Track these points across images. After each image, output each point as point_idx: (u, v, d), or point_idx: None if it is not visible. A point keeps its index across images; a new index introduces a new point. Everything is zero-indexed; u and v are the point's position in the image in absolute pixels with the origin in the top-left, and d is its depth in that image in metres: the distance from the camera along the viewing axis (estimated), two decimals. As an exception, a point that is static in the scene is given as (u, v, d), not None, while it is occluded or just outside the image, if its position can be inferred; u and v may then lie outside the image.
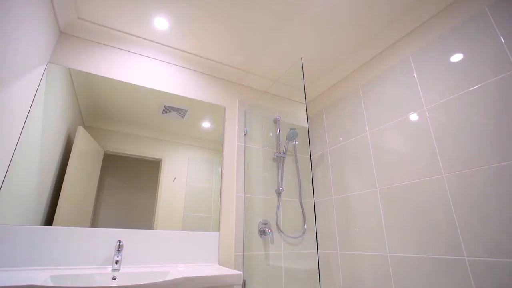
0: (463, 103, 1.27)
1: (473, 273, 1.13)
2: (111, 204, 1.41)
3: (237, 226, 1.72)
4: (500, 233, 1.07)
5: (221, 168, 1.81)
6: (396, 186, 1.50)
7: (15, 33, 1.06)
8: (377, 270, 1.52)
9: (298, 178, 2.03)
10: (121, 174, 1.48)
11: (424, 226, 1.34)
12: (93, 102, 1.51)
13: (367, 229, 1.63)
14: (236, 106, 2.04)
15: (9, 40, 1.02)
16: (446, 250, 1.23)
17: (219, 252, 1.62)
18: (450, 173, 1.27)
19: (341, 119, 1.99)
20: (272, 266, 1.76)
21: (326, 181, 2.02)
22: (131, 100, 1.62)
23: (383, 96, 1.68)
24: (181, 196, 1.61)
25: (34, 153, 1.28)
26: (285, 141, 2.05)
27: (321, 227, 1.98)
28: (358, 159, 1.78)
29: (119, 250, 1.23)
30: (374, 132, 1.70)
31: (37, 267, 1.16)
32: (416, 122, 1.46)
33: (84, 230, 1.29)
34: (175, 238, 1.50)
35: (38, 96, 1.36)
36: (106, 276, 1.13)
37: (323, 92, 2.25)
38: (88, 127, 1.45)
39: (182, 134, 1.73)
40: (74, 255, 1.24)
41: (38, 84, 1.38)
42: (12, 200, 1.19)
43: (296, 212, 1.98)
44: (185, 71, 1.90)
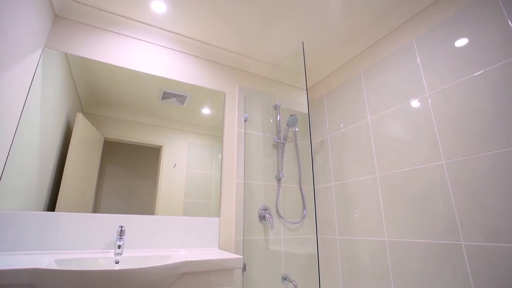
0: (465, 89, 1.25)
1: (469, 257, 1.15)
2: (112, 190, 1.42)
3: (237, 212, 1.74)
4: (497, 219, 1.08)
5: (221, 154, 1.81)
6: (396, 173, 1.51)
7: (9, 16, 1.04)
8: (375, 254, 1.55)
9: (298, 164, 2.04)
10: (122, 161, 1.48)
11: (423, 212, 1.35)
12: (91, 88, 1.49)
13: (366, 215, 1.65)
14: (236, 92, 2.02)
15: (3, 23, 1.00)
16: (444, 235, 1.25)
17: (219, 237, 1.65)
18: (450, 159, 1.26)
19: (342, 105, 1.97)
20: (271, 250, 1.79)
21: (326, 167, 2.02)
22: (130, 86, 1.60)
23: (385, 82, 1.66)
24: (181, 183, 1.62)
25: (34, 140, 1.28)
26: (285, 127, 2.04)
27: (320, 212, 2.00)
28: (359, 145, 1.77)
29: (121, 235, 1.25)
30: (375, 119, 1.68)
31: (41, 251, 1.18)
32: (418, 108, 1.44)
33: (86, 215, 1.31)
34: (176, 223, 1.52)
35: (35, 82, 1.34)
36: (109, 260, 1.16)
37: (324, 78, 2.22)
38: (87, 113, 1.44)
39: (182, 121, 1.72)
40: (77, 240, 1.26)
41: (34, 70, 1.36)
42: (13, 187, 1.19)
43: (296, 198, 2.00)
44: (184, 56, 1.87)
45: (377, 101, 1.69)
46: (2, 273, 0.81)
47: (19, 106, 1.26)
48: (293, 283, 1.71)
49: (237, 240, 1.69)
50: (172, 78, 1.76)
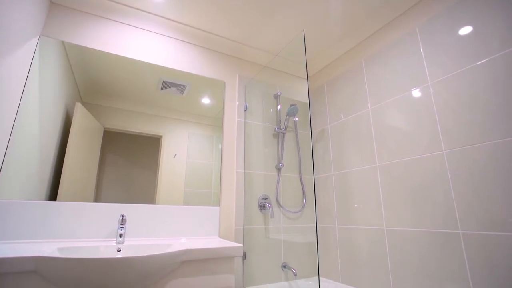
0: (468, 78, 1.23)
1: (466, 246, 1.16)
2: (113, 180, 1.43)
3: (237, 201, 1.75)
4: (495, 209, 1.09)
5: (221, 144, 1.81)
6: (396, 163, 1.51)
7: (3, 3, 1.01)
8: (373, 243, 1.57)
9: (298, 154, 2.04)
10: (122, 151, 1.48)
11: (422, 201, 1.36)
12: (90, 78, 1.47)
13: (365, 204, 1.66)
14: (236, 81, 2.00)
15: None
16: (442, 224, 1.26)
17: (220, 226, 1.67)
18: (451, 149, 1.26)
19: (343, 95, 1.95)
20: (271, 239, 1.81)
21: (326, 157, 2.03)
22: (129, 75, 1.59)
23: (386, 71, 1.64)
24: (181, 172, 1.63)
25: (33, 130, 1.28)
26: (286, 117, 2.03)
27: (320, 202, 2.02)
28: (359, 135, 1.77)
29: (122, 224, 1.27)
30: (376, 108, 1.67)
31: (43, 240, 1.20)
32: (419, 98, 1.43)
33: (88, 205, 1.32)
34: (177, 213, 1.53)
35: (32, 71, 1.33)
36: (111, 248, 1.18)
37: (325, 67, 2.20)
38: (86, 103, 1.43)
39: (182, 110, 1.71)
40: (79, 229, 1.28)
41: (31, 59, 1.34)
42: (14, 177, 1.20)
43: (296, 188, 2.01)
44: (183, 45, 1.84)
45: (378, 90, 1.67)
46: (7, 260, 0.82)
47: (17, 96, 1.26)
48: (293, 271, 1.74)
49: (237, 229, 1.71)
50: (171, 67, 1.75)
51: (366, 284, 1.57)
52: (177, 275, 1.09)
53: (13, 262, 0.83)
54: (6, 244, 1.09)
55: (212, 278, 1.16)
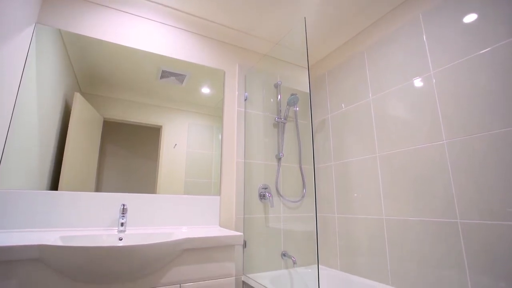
0: (471, 67, 1.22)
1: (464, 235, 1.17)
2: (113, 170, 1.43)
3: (238, 191, 1.77)
4: (493, 198, 1.10)
5: (222, 134, 1.81)
6: (396, 152, 1.51)
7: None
8: (372, 232, 1.58)
9: (299, 144, 2.04)
10: (122, 141, 1.48)
11: (421, 191, 1.36)
12: (88, 67, 1.46)
13: (364, 193, 1.67)
14: (236, 70, 1.97)
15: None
16: (440, 213, 1.27)
17: (220, 215, 1.68)
18: (452, 139, 1.26)
19: (344, 84, 1.93)
20: (271, 228, 1.84)
21: (326, 147, 2.03)
22: (128, 64, 1.57)
23: (389, 60, 1.62)
24: (182, 162, 1.63)
25: (32, 120, 1.27)
26: (286, 107, 2.02)
27: (320, 191, 2.03)
28: (360, 125, 1.76)
29: (123, 213, 1.28)
30: (377, 98, 1.66)
31: (46, 229, 1.21)
32: (421, 87, 1.42)
33: (89, 194, 1.33)
34: (178, 202, 1.55)
35: (29, 61, 1.31)
36: (113, 236, 1.19)
37: (326, 56, 2.17)
38: (85, 93, 1.42)
39: (182, 100, 1.70)
40: (81, 218, 1.29)
41: (28, 48, 1.32)
42: (15, 167, 1.21)
43: (296, 177, 2.02)
44: (183, 33, 1.81)
45: (380, 79, 1.66)
46: (11, 248, 0.84)
47: (15, 86, 1.25)
48: (292, 259, 1.77)
49: (237, 218, 1.72)
50: (171, 56, 1.72)
51: (365, 272, 1.60)
52: (178, 263, 1.11)
53: (17, 250, 0.84)
54: (9, 232, 1.11)
55: (213, 265, 1.18)
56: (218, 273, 1.19)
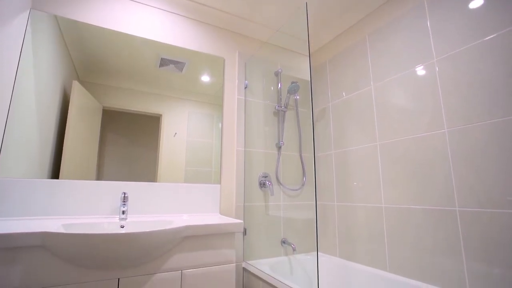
0: (475, 54, 1.20)
1: (462, 223, 1.18)
2: (114, 159, 1.44)
3: (238, 179, 1.77)
4: (493, 186, 1.10)
5: (222, 122, 1.80)
6: (396, 141, 1.50)
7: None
8: (371, 220, 1.60)
9: (299, 133, 2.04)
10: (122, 130, 1.48)
11: (421, 179, 1.37)
12: (86, 55, 1.44)
13: (364, 182, 1.68)
14: (236, 57, 1.95)
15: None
16: (440, 202, 1.28)
17: (220, 203, 1.70)
18: (453, 127, 1.25)
19: (345, 72, 1.91)
20: (271, 216, 1.86)
21: (327, 135, 2.02)
22: (127, 52, 1.55)
23: (391, 47, 1.59)
24: (182, 151, 1.63)
25: (31, 109, 1.27)
26: (286, 95, 2.01)
27: (320, 180, 2.04)
28: (360, 113, 1.75)
29: (124, 201, 1.29)
30: (378, 86, 1.64)
31: (48, 217, 1.23)
32: (424, 75, 1.40)
33: (90, 183, 1.34)
34: (178, 190, 1.56)
35: (25, 49, 1.29)
36: (114, 224, 1.21)
37: (327, 43, 2.13)
38: (84, 81, 1.41)
39: (181, 89, 1.69)
40: (82, 206, 1.31)
41: (23, 35, 1.30)
42: (15, 156, 1.21)
43: (296, 166, 2.03)
44: (182, 20, 1.78)
45: (382, 67, 1.63)
46: (15, 236, 0.85)
47: (11, 74, 1.23)
48: (292, 246, 1.80)
49: (237, 206, 1.74)
50: (170, 43, 1.69)
51: (363, 259, 1.62)
52: (179, 250, 1.13)
53: (21, 237, 0.86)
54: (12, 220, 1.12)
55: (214, 252, 1.20)
56: (219, 260, 1.21)
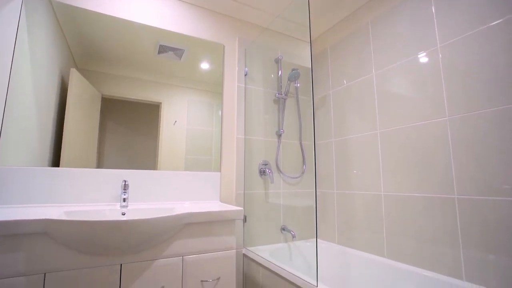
0: (480, 40, 1.17)
1: (460, 210, 1.19)
2: (114, 147, 1.44)
3: (238, 167, 1.78)
4: (493, 174, 1.10)
5: (221, 109, 1.79)
6: (397, 129, 1.50)
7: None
8: (370, 207, 1.61)
9: (299, 120, 2.03)
10: (121, 118, 1.47)
11: (421, 167, 1.37)
12: (83, 42, 1.42)
13: (364, 170, 1.68)
14: (236, 44, 1.92)
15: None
16: (439, 189, 1.28)
17: (221, 191, 1.71)
18: (455, 115, 1.24)
19: (347, 59, 1.88)
20: (271, 203, 1.87)
21: (327, 123, 2.01)
22: (124, 38, 1.52)
23: (394, 34, 1.56)
24: (182, 139, 1.63)
25: (28, 97, 1.26)
26: (287, 82, 1.99)
27: (320, 168, 2.05)
28: (361, 101, 1.73)
29: (125, 189, 1.30)
30: (380, 73, 1.62)
31: (49, 204, 1.24)
32: (427, 62, 1.37)
33: (91, 171, 1.35)
34: (179, 178, 1.57)
35: (20, 35, 1.27)
36: (116, 211, 1.22)
37: (328, 30, 2.08)
38: (82, 69, 1.39)
39: (181, 76, 1.67)
40: (84, 194, 1.32)
41: (17, 21, 1.27)
42: (15, 146, 1.21)
43: (296, 154, 2.03)
44: (180, 4, 1.74)
45: (384, 54, 1.60)
46: (18, 223, 0.86)
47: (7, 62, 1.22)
48: (291, 233, 1.82)
49: (238, 194, 1.76)
50: (168, 29, 1.66)
51: (362, 246, 1.65)
52: (180, 237, 1.14)
53: (24, 225, 0.87)
54: (15, 208, 1.14)
55: (214, 239, 1.22)
56: (219, 246, 1.23)
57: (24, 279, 0.87)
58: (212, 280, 1.19)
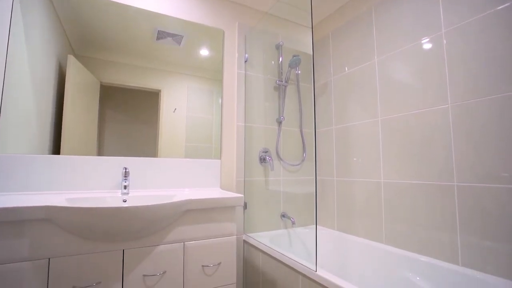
0: (486, 25, 1.14)
1: (459, 197, 1.20)
2: (114, 135, 1.44)
3: (238, 154, 1.79)
4: (492, 162, 1.10)
5: (221, 96, 1.78)
6: (398, 116, 1.49)
7: None
8: (370, 194, 1.63)
9: (300, 108, 2.01)
10: (121, 106, 1.46)
11: (421, 155, 1.37)
12: (80, 28, 1.39)
13: (364, 157, 1.68)
14: (236, 29, 1.88)
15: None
16: (439, 177, 1.29)
17: (221, 178, 1.72)
18: (457, 103, 1.23)
19: (348, 45, 1.84)
20: (271, 190, 1.89)
21: (328, 110, 2.00)
22: (121, 24, 1.49)
23: (398, 18, 1.52)
24: (182, 127, 1.63)
25: (26, 85, 1.24)
26: (288, 69, 1.96)
27: (320, 155, 2.05)
28: (363, 88, 1.71)
29: (126, 176, 1.31)
30: (382, 60, 1.59)
31: (51, 192, 1.26)
32: (430, 48, 1.35)
33: (91, 158, 1.35)
34: (179, 165, 1.57)
35: (15, 21, 1.24)
36: (117, 199, 1.23)
37: (330, 15, 2.04)
38: (79, 56, 1.37)
39: (180, 63, 1.65)
40: (85, 181, 1.33)
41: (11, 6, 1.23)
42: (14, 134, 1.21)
43: (296, 141, 2.03)
44: (177, -11, 1.69)
45: (387, 40, 1.57)
46: (21, 209, 0.87)
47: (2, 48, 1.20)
48: (291, 220, 1.85)
49: (238, 181, 1.77)
50: (166, 14, 1.63)
51: (360, 232, 1.67)
52: (181, 223, 1.16)
53: (26, 211, 0.88)
54: (16, 195, 1.15)
55: (215, 225, 1.24)
56: (220, 232, 1.25)
57: (29, 263, 0.89)
58: (213, 265, 1.21)
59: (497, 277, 1.07)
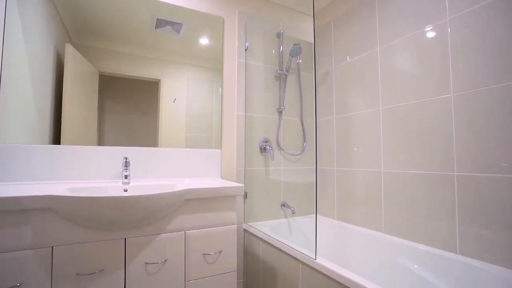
0: (492, 12, 1.11)
1: (458, 187, 1.20)
2: (114, 125, 1.44)
3: (238, 144, 1.78)
4: (493, 152, 1.10)
5: (222, 86, 1.76)
6: (400, 106, 1.47)
7: None
8: (370, 184, 1.63)
9: (300, 97, 2.00)
10: (120, 95, 1.45)
11: (422, 144, 1.36)
12: (76, 15, 1.36)
13: (364, 147, 1.68)
14: (236, 17, 1.84)
15: None
16: (438, 167, 1.29)
17: (221, 167, 1.73)
18: (460, 92, 1.21)
19: (351, 34, 1.81)
20: (272, 180, 1.90)
21: (329, 100, 1.98)
22: (120, 11, 1.46)
23: (401, 5, 1.48)
24: (182, 117, 1.62)
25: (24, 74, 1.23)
26: (288, 58, 1.93)
27: (320, 145, 2.05)
28: (364, 78, 1.69)
29: (126, 166, 1.32)
30: (385, 48, 1.56)
31: (52, 181, 1.26)
32: (434, 36, 1.32)
33: (92, 148, 1.35)
34: (180, 155, 1.58)
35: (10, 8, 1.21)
36: (118, 188, 1.24)
37: (332, 2, 1.99)
38: (77, 45, 1.35)
39: (180, 52, 1.63)
40: (85, 171, 1.33)
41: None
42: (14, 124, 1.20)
43: (297, 131, 2.02)
44: (176, -25, 1.65)
45: (390, 28, 1.54)
46: (23, 199, 0.88)
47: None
48: (291, 209, 1.86)
49: (238, 171, 1.77)
50: (165, 1, 1.59)
51: (359, 221, 1.69)
52: (182, 212, 1.17)
53: (28, 201, 0.89)
54: (17, 185, 1.16)
55: (215, 214, 1.25)
56: (220, 221, 1.26)
57: (32, 252, 0.90)
58: (214, 254, 1.23)
59: (494, 265, 1.08)
